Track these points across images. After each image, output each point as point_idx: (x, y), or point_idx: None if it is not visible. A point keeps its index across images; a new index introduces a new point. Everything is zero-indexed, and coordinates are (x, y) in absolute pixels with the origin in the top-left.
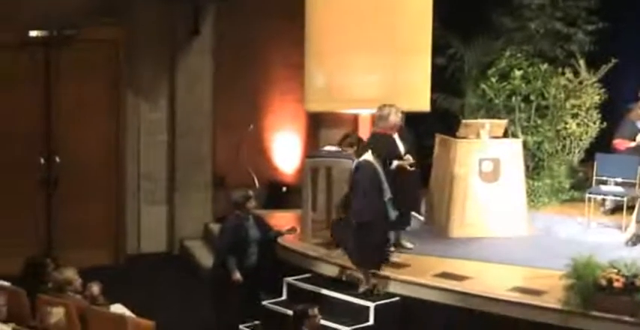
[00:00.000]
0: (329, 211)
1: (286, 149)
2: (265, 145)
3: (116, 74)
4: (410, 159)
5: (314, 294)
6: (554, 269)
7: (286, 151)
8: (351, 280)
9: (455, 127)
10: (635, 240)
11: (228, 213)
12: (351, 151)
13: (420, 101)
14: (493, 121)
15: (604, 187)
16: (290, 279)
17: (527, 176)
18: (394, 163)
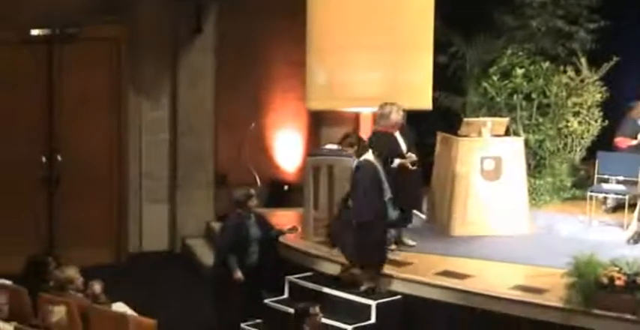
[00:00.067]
0: (331, 210)
1: (288, 147)
2: (267, 144)
3: (118, 73)
4: (413, 157)
5: (316, 292)
6: (555, 267)
7: (288, 150)
8: (352, 279)
9: (456, 125)
10: (637, 238)
11: (229, 211)
12: (352, 151)
13: (422, 99)
14: (495, 120)
15: (605, 186)
16: (292, 277)
17: (528, 174)
18: (396, 161)
